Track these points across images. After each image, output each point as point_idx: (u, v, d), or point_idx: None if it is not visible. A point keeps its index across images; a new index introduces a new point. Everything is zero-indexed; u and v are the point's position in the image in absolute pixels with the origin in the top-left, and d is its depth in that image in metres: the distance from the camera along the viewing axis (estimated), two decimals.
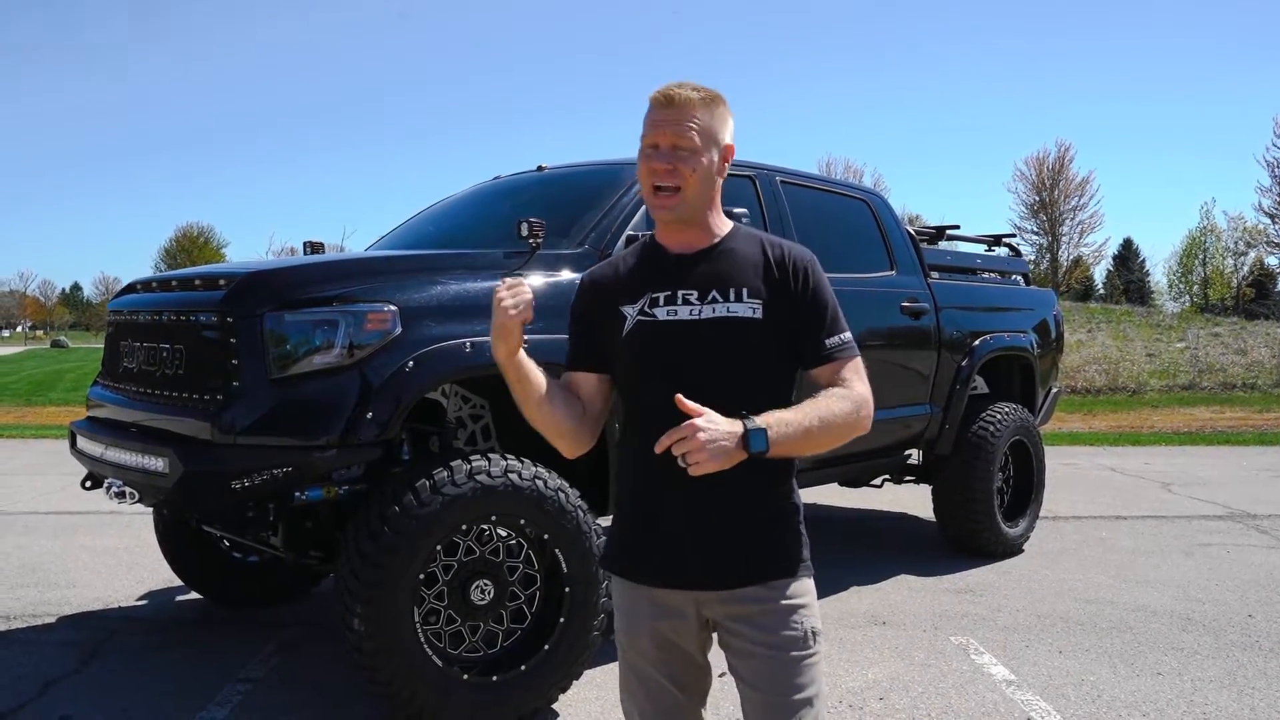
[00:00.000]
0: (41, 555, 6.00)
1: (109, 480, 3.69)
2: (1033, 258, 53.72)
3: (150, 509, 3.74)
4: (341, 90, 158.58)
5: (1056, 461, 10.74)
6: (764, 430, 1.71)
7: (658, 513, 1.90)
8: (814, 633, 1.89)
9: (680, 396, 1.69)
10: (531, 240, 3.88)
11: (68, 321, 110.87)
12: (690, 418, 1.68)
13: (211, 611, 4.90)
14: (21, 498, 8.07)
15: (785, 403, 1.91)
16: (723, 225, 1.99)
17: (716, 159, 1.90)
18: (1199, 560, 6.16)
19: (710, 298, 1.89)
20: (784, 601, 1.88)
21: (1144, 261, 66.95)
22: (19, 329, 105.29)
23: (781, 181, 5.11)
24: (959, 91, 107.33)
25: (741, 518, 1.89)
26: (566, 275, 3.92)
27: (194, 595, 5.07)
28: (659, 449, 1.68)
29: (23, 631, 4.57)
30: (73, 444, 4.08)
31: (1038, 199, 51.95)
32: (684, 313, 1.88)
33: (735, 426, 1.69)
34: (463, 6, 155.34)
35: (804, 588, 1.92)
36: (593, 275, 2.05)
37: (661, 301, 1.90)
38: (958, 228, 6.80)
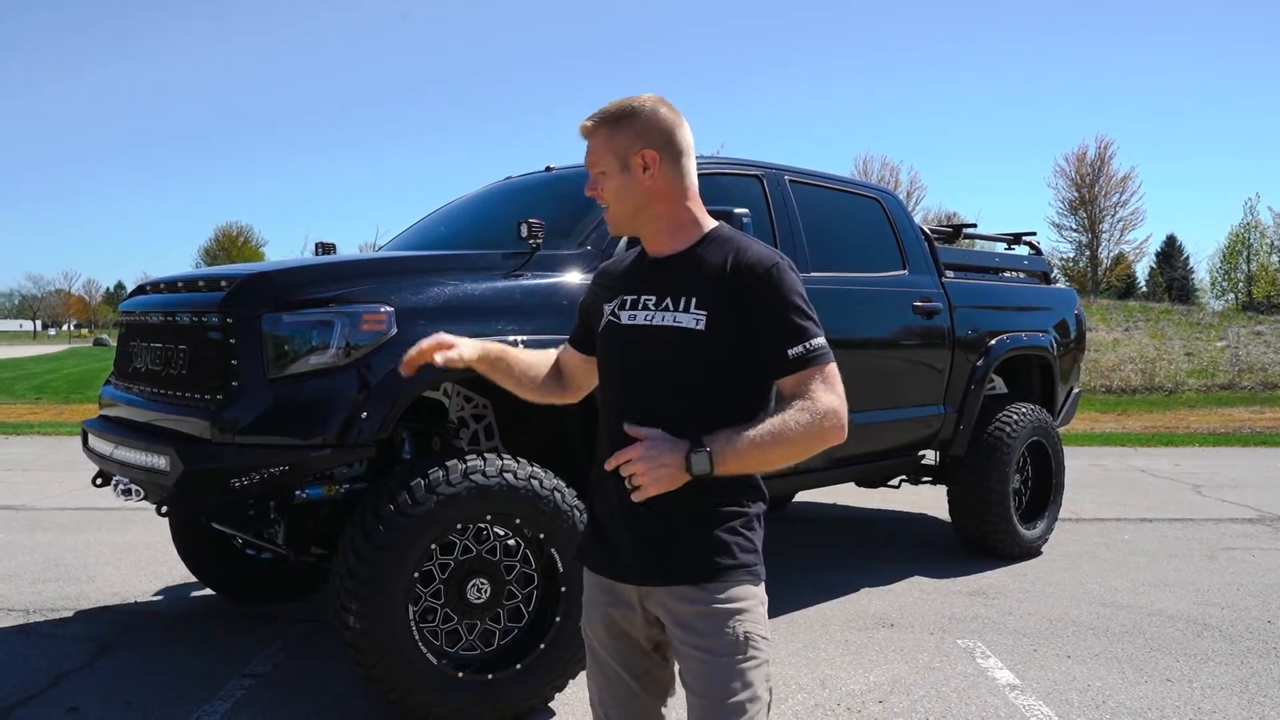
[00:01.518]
0: (65, 550, 6.12)
1: (116, 478, 3.76)
2: (1072, 255, 53.09)
3: (154, 506, 3.79)
4: (380, 88, 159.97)
5: (1084, 462, 10.61)
6: (707, 453, 1.73)
7: (606, 506, 1.98)
8: (748, 637, 1.85)
9: (627, 425, 1.78)
10: (531, 241, 3.90)
11: (111, 320, 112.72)
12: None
13: (224, 607, 4.98)
14: (52, 494, 8.23)
15: (752, 414, 1.87)
16: (697, 231, 1.97)
17: (630, 169, 1.93)
18: (1222, 564, 6.05)
19: (664, 304, 1.91)
20: (717, 606, 1.85)
21: (1188, 259, 65.88)
22: (65, 328, 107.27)
23: (790, 180, 5.09)
24: (997, 88, 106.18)
25: (676, 517, 1.87)
26: (566, 276, 3.94)
27: (208, 591, 5.14)
28: (608, 467, 1.77)
29: (40, 625, 4.66)
30: (84, 442, 4.16)
31: (1077, 196, 51.31)
32: (640, 317, 1.93)
33: (678, 450, 1.73)
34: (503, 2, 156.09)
35: (743, 593, 1.88)
36: (602, 270, 2.18)
37: (628, 305, 1.97)
38: (975, 226, 6.73)
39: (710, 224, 1.99)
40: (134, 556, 5.98)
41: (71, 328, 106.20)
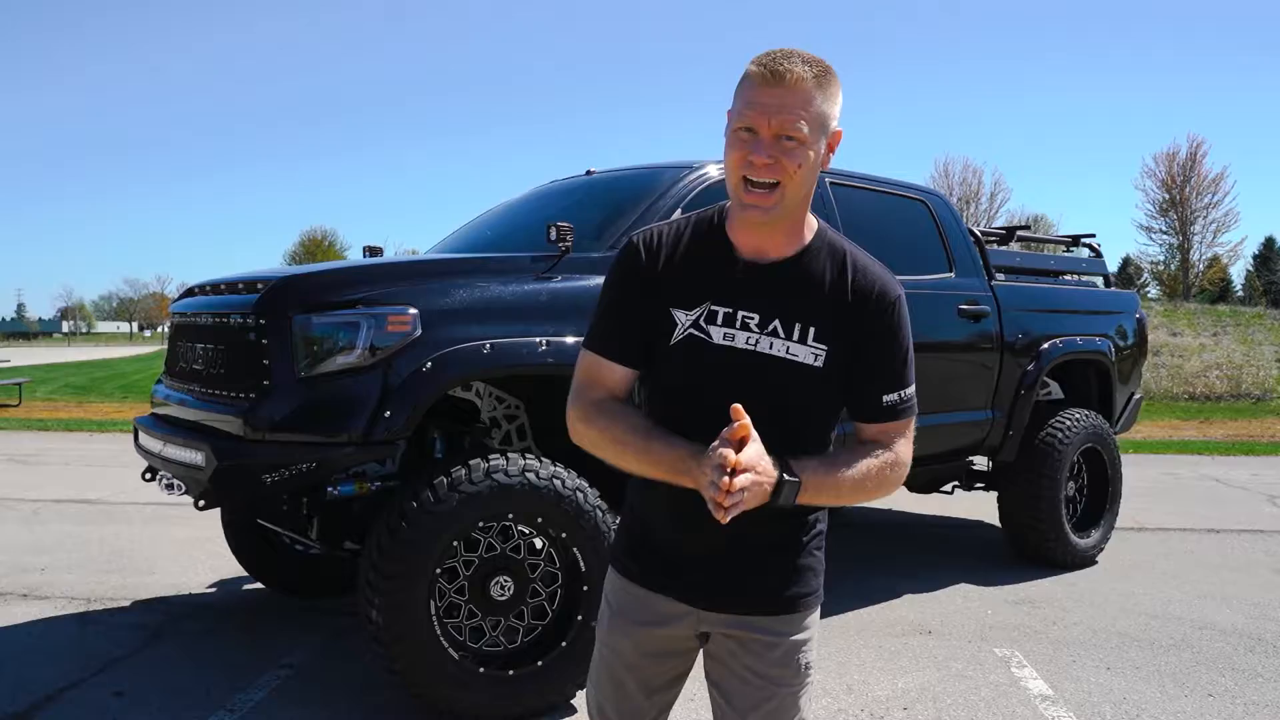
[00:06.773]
0: (131, 543, 6.37)
1: (160, 473, 3.93)
2: (1162, 259, 51.45)
3: (193, 500, 3.94)
4: (459, 94, 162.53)
5: (1156, 470, 10.29)
6: (796, 483, 1.56)
7: (669, 521, 1.78)
8: (807, 667, 1.79)
9: (738, 408, 1.50)
10: (560, 244, 3.95)
11: None
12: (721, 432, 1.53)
13: (272, 600, 5.13)
14: (127, 488, 8.54)
15: (827, 439, 1.77)
16: (809, 228, 1.71)
17: (824, 149, 1.61)
18: None
19: (771, 328, 1.66)
20: (786, 635, 1.77)
21: None
22: (159, 329, 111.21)
23: (830, 183, 5.05)
24: (1083, 89, 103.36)
25: (760, 543, 1.75)
26: (596, 279, 3.97)
27: (260, 585, 5.31)
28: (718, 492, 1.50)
29: (99, 613, 4.87)
30: (136, 438, 4.34)
31: (1167, 197, 49.70)
32: (740, 339, 1.67)
33: (772, 476, 1.54)
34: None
35: (810, 620, 1.81)
36: (646, 247, 1.74)
37: (720, 319, 1.68)
38: (1028, 228, 6.59)
39: (812, 220, 1.72)
40: (195, 550, 6.20)
41: (165, 329, 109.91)
